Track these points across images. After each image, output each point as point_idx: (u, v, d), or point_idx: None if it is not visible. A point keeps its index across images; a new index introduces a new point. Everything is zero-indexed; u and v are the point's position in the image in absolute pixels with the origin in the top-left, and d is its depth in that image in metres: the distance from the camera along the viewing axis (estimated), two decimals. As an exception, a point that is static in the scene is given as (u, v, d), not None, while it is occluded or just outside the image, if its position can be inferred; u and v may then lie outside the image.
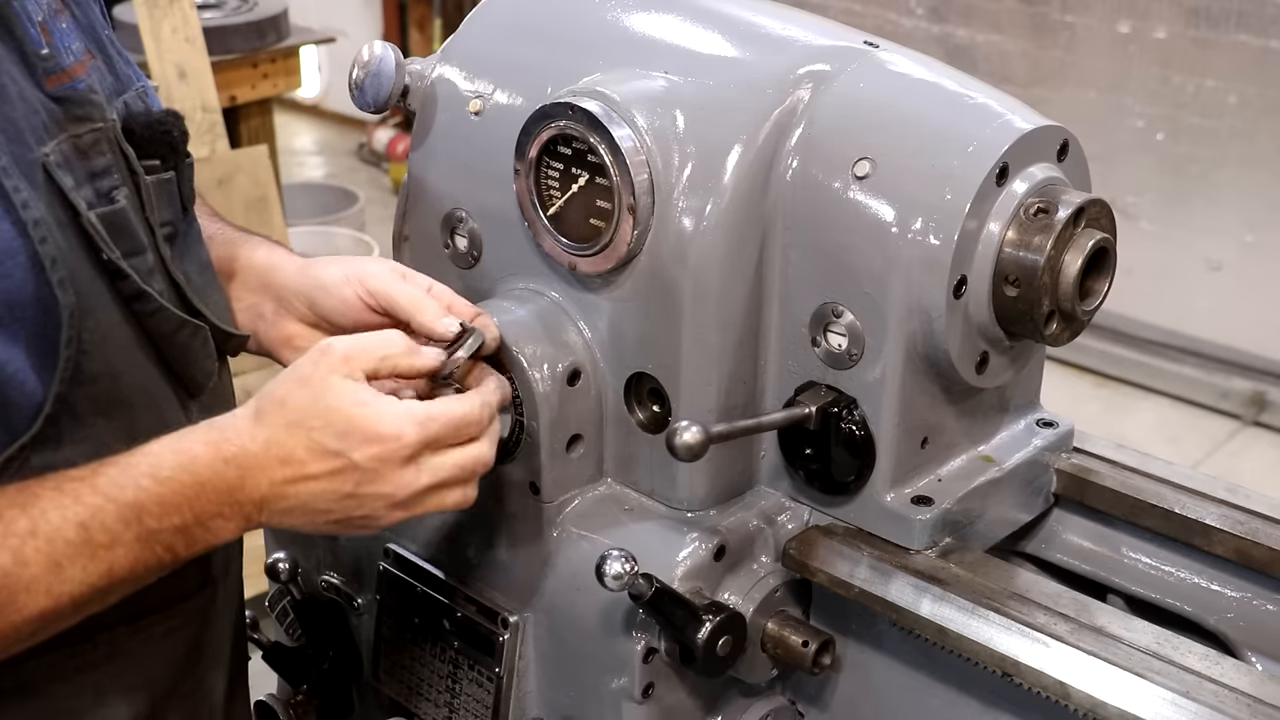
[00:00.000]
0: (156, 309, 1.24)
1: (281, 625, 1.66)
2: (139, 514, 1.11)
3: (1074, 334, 1.33)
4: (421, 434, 1.20)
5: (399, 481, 1.20)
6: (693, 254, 1.32)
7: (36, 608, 1.07)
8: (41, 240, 1.11)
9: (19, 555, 1.06)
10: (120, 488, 1.11)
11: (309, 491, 1.18)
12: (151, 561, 1.13)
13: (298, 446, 1.17)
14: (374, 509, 1.21)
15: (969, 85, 1.36)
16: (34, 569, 1.06)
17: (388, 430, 1.18)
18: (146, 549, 1.12)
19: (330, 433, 1.18)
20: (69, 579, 1.08)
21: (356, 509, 1.21)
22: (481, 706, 1.49)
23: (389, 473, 1.19)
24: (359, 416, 1.18)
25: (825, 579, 1.36)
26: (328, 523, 1.22)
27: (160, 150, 1.28)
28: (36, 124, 1.15)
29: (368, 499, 1.20)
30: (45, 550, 1.07)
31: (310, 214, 5.38)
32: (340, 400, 1.19)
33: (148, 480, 1.12)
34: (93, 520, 1.09)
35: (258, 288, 1.46)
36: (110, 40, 1.32)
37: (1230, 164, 4.80)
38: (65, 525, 1.08)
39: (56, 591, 1.08)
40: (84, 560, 1.09)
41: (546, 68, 1.42)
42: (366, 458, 1.18)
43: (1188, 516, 1.43)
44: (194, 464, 1.14)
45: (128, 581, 1.13)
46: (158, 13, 3.77)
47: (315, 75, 7.42)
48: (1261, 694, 1.17)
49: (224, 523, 1.16)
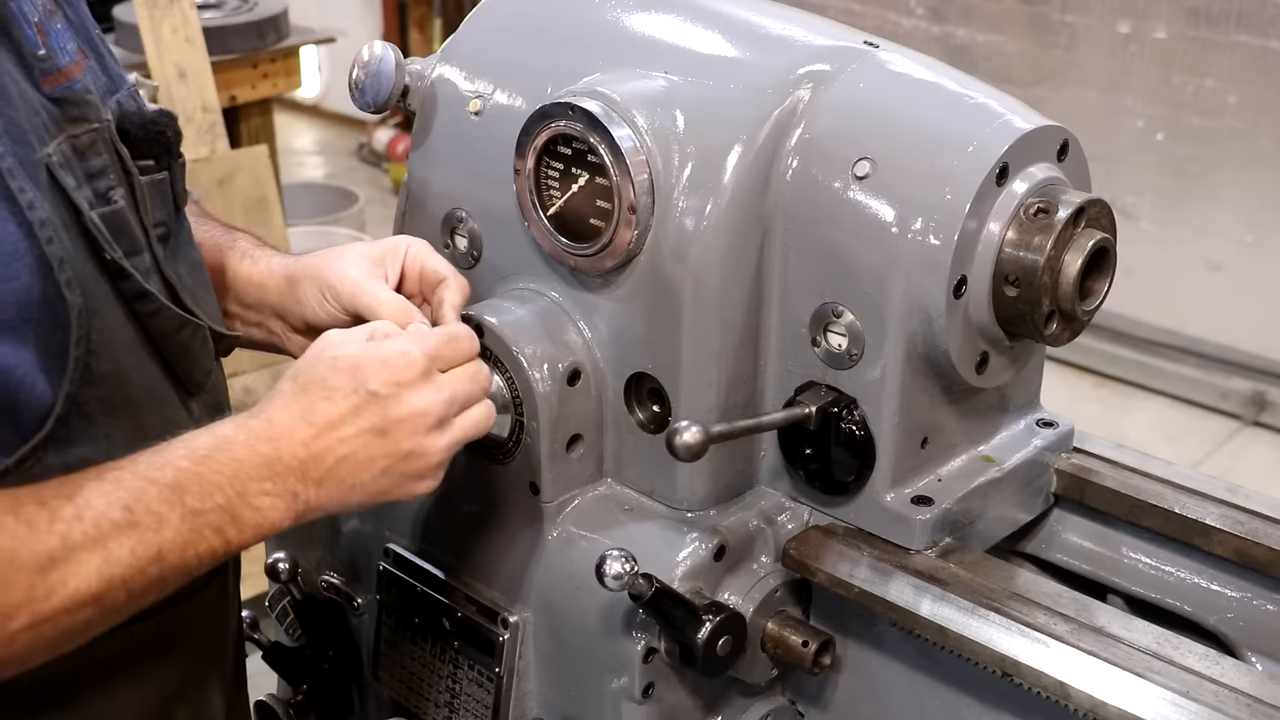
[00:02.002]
0: (158, 309, 1.25)
1: (281, 625, 1.66)
2: (180, 494, 1.12)
3: (1074, 334, 1.33)
4: (422, 346, 1.23)
5: (422, 399, 1.22)
6: (693, 254, 1.32)
7: (89, 591, 1.07)
8: (48, 241, 1.12)
9: (67, 539, 1.06)
10: (160, 469, 1.12)
11: (341, 440, 1.19)
12: (202, 546, 1.13)
13: (316, 400, 1.20)
14: (414, 441, 1.22)
15: (969, 85, 1.36)
16: (82, 552, 1.06)
17: (392, 354, 1.22)
18: (194, 531, 1.12)
19: (341, 375, 1.21)
20: (117, 560, 1.08)
21: (396, 446, 1.21)
22: (481, 706, 1.49)
23: (408, 394, 1.21)
24: (363, 352, 1.23)
25: (825, 579, 1.36)
26: (379, 475, 1.22)
27: (155, 150, 1.29)
28: (38, 124, 1.16)
29: (402, 429, 1.21)
30: (92, 534, 1.07)
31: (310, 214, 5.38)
32: (343, 349, 1.24)
33: (185, 461, 1.13)
34: (137, 503, 1.10)
35: (254, 304, 1.48)
36: (101, 40, 1.32)
37: (1230, 164, 4.79)
38: (110, 508, 1.08)
39: (106, 574, 1.08)
40: (131, 542, 1.09)
41: (546, 68, 1.43)
42: (381, 383, 1.20)
43: (1188, 516, 1.43)
44: (228, 443, 1.16)
45: (180, 569, 1.13)
46: (158, 13, 3.77)
47: (315, 75, 7.42)
48: (1261, 694, 1.17)
49: (270, 500, 1.16)
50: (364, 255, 1.41)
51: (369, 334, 1.27)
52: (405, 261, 1.40)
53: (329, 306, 1.40)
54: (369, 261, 1.40)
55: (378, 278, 1.39)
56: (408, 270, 1.40)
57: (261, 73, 4.30)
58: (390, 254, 1.40)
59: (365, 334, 1.27)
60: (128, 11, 3.98)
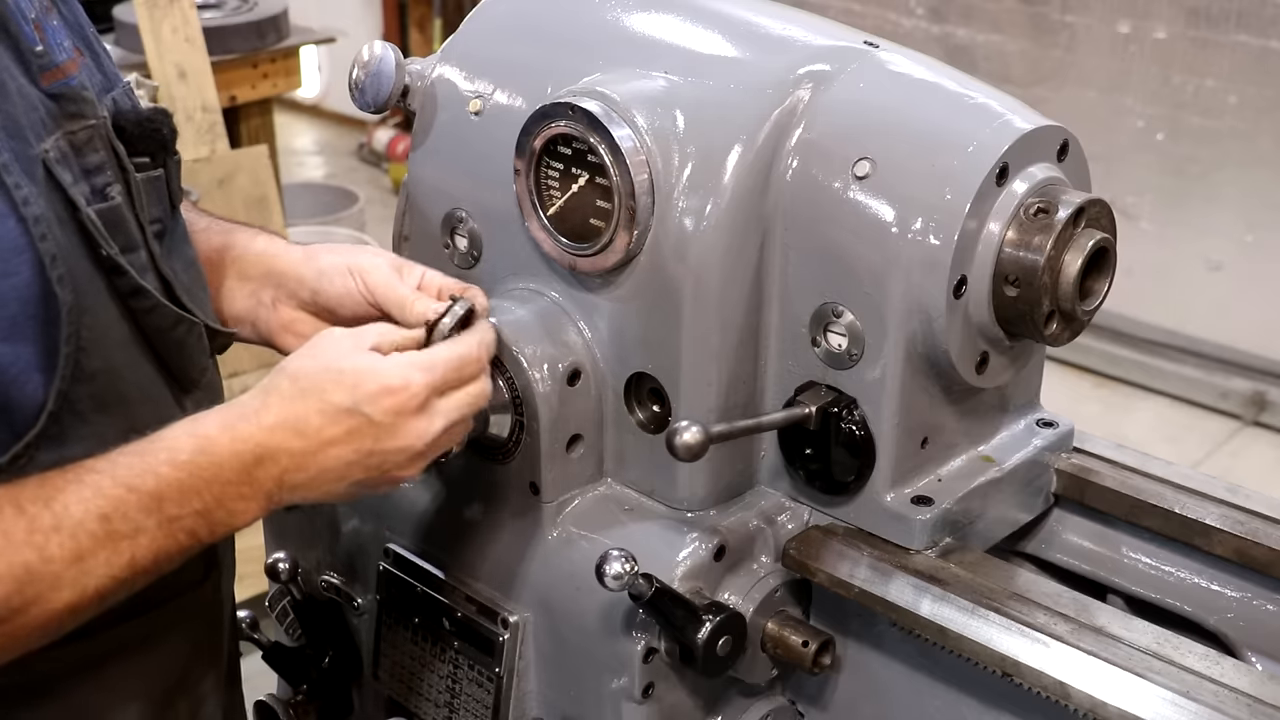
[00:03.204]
0: (154, 305, 1.25)
1: (281, 625, 1.66)
2: (160, 502, 1.12)
3: (1074, 334, 1.33)
4: (428, 379, 1.22)
5: (416, 432, 1.22)
6: (693, 254, 1.32)
7: (63, 602, 1.08)
8: (41, 237, 1.12)
9: (44, 552, 1.07)
10: (140, 476, 1.12)
11: (329, 458, 1.20)
12: (173, 548, 1.14)
13: (311, 413, 1.19)
14: (396, 462, 1.23)
15: (969, 85, 1.36)
16: (59, 564, 1.07)
17: (396, 381, 1.21)
18: (168, 536, 1.13)
19: (342, 391, 1.20)
20: (93, 572, 1.09)
21: (378, 466, 1.22)
22: (481, 706, 1.49)
23: (404, 425, 1.21)
24: (368, 371, 1.21)
25: (825, 579, 1.36)
26: (350, 485, 1.23)
27: (151, 148, 1.29)
28: (35, 120, 1.16)
29: (390, 454, 1.22)
30: (69, 545, 1.08)
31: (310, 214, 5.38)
32: (349, 361, 1.22)
33: (166, 468, 1.13)
34: (115, 512, 1.10)
35: (258, 275, 1.46)
36: (96, 38, 1.32)
37: (1230, 164, 4.79)
38: (88, 518, 1.09)
39: (81, 584, 1.09)
40: (107, 553, 1.09)
41: (546, 68, 1.42)
42: (381, 411, 1.20)
43: (1188, 516, 1.43)
44: (211, 447, 1.16)
45: (149, 570, 1.14)
46: (158, 13, 3.77)
47: (315, 75, 7.42)
48: (1261, 694, 1.17)
49: (245, 504, 1.17)
50: (384, 257, 1.41)
51: (375, 341, 1.25)
52: (424, 277, 1.39)
53: (351, 283, 1.39)
54: (391, 264, 1.40)
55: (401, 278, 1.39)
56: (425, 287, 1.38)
57: (261, 73, 4.30)
58: (408, 266, 1.40)
59: (371, 340, 1.25)
60: (128, 11, 3.98)
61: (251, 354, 3.30)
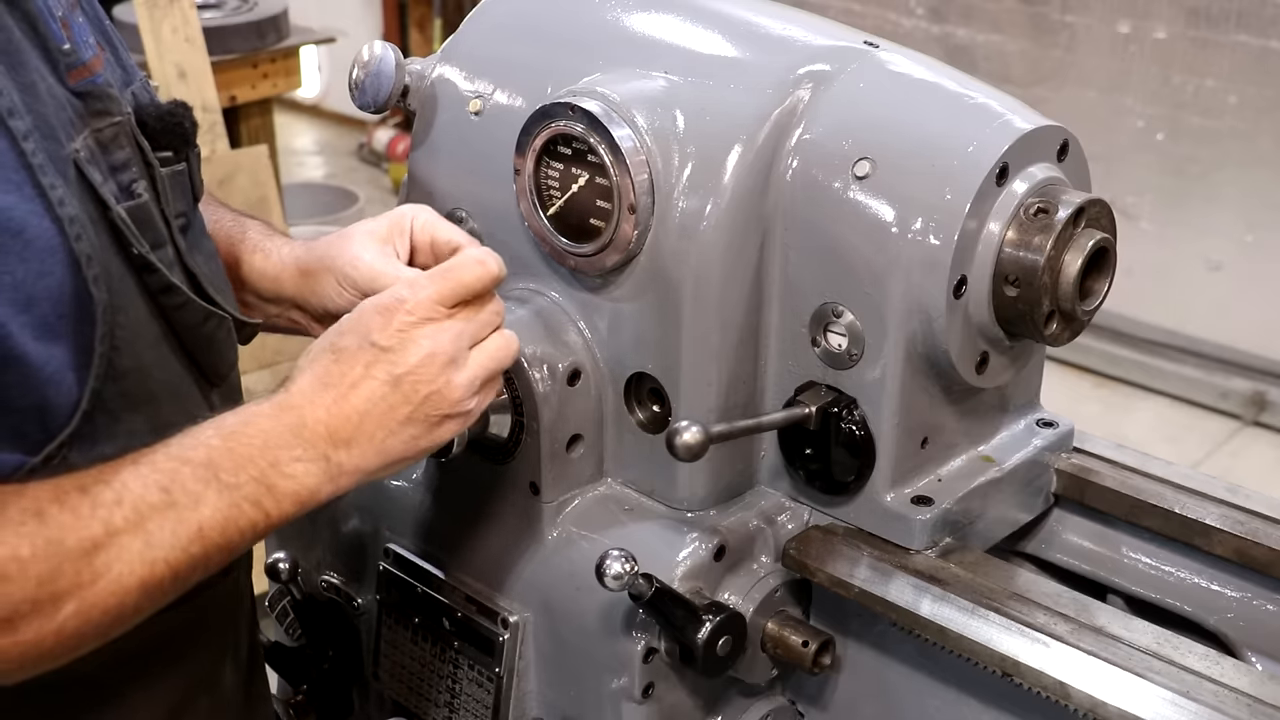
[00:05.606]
0: (184, 302, 1.26)
1: (281, 625, 1.66)
2: (214, 471, 1.12)
3: (1074, 334, 1.33)
4: (422, 293, 1.22)
5: (426, 340, 1.21)
6: (693, 254, 1.32)
7: (133, 574, 1.08)
8: (76, 237, 1.12)
9: (109, 524, 1.07)
10: (191, 449, 1.13)
11: (360, 398, 1.20)
12: (242, 521, 1.14)
13: (329, 364, 1.21)
14: (430, 384, 1.21)
15: (969, 85, 1.36)
16: (124, 536, 1.08)
17: (388, 300, 1.22)
18: (232, 506, 1.13)
19: (347, 335, 1.22)
20: (159, 543, 1.09)
21: (414, 391, 1.21)
22: (481, 706, 1.49)
23: (412, 336, 1.21)
24: (363, 307, 1.24)
25: (825, 579, 1.36)
26: (404, 423, 1.21)
27: (174, 141, 1.29)
28: (64, 120, 1.15)
29: (417, 372, 1.21)
30: (132, 518, 1.08)
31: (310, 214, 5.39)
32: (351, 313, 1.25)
33: (215, 439, 1.14)
34: (173, 483, 1.10)
35: (274, 298, 1.48)
36: (114, 32, 1.32)
37: (1230, 164, 4.79)
38: (148, 491, 1.09)
39: (149, 557, 1.09)
40: (171, 523, 1.10)
41: (546, 68, 1.43)
42: (386, 335, 1.21)
43: (1188, 516, 1.43)
44: (255, 416, 1.17)
45: (223, 547, 1.14)
46: (158, 13, 3.77)
47: (315, 75, 7.42)
48: (1261, 694, 1.17)
49: (304, 466, 1.17)
50: (372, 235, 1.39)
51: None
52: (414, 234, 1.38)
53: (348, 295, 1.39)
54: (378, 241, 1.38)
55: (389, 256, 1.37)
56: (417, 243, 1.37)
57: (261, 73, 4.30)
58: (396, 229, 1.38)
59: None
60: (128, 11, 3.98)
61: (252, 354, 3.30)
